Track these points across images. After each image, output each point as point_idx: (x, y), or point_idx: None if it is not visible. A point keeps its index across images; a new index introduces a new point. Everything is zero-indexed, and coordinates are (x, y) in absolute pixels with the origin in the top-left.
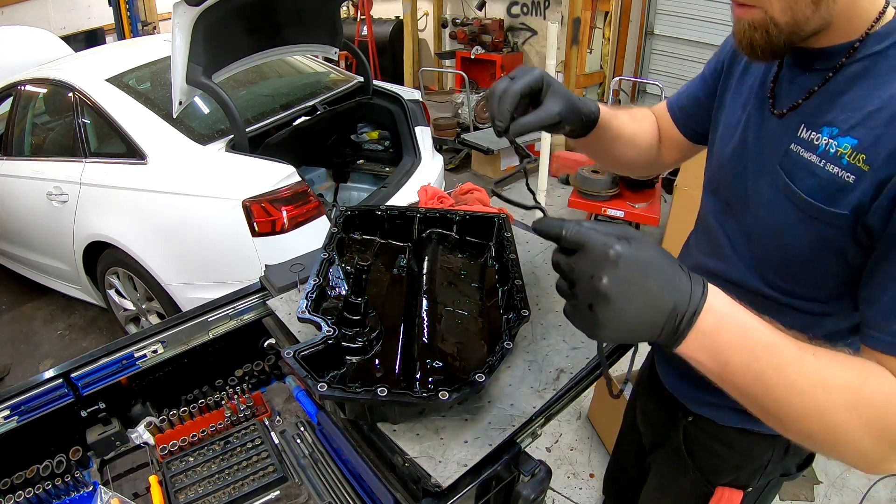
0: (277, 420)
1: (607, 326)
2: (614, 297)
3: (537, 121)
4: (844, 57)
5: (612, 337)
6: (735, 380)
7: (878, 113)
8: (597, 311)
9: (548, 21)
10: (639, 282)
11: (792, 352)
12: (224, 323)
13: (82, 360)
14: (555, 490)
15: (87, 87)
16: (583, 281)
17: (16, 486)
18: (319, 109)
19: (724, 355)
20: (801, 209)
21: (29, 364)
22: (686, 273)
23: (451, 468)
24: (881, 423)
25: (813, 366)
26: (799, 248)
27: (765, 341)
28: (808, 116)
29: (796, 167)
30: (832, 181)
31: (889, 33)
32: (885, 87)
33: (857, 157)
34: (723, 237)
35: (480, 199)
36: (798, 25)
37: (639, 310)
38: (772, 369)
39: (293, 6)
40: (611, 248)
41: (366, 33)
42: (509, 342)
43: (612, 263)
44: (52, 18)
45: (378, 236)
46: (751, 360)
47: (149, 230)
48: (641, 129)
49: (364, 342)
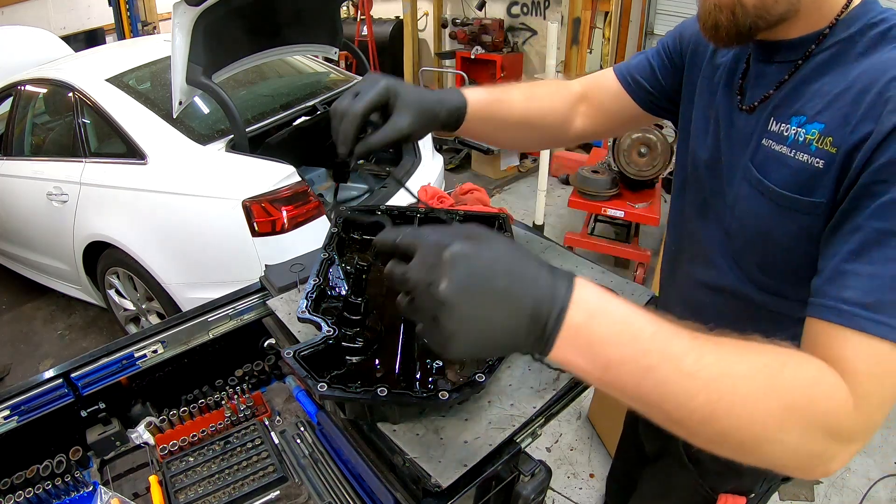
0: (277, 420)
1: (458, 339)
2: (456, 303)
3: (383, 139)
4: (814, 45)
5: (469, 351)
6: (622, 380)
7: (843, 94)
8: (442, 322)
9: (548, 21)
10: (483, 282)
11: (685, 341)
12: (224, 323)
13: (82, 360)
14: (555, 490)
15: (87, 87)
16: (420, 290)
17: (16, 486)
18: (319, 109)
19: (605, 352)
20: (777, 202)
21: (29, 364)
22: (547, 268)
23: (451, 468)
24: (807, 411)
25: (715, 353)
26: (779, 241)
27: (650, 330)
28: (776, 109)
29: (768, 161)
30: (803, 169)
31: (856, 18)
32: (849, 71)
33: (824, 140)
34: (705, 237)
35: (480, 198)
36: (765, 8)
37: (490, 315)
38: (664, 361)
39: (293, 6)
40: (446, 248)
41: (366, 33)
42: None
43: (448, 265)
44: (52, 18)
45: None
46: (636, 353)
47: (149, 230)
48: (540, 107)
49: (364, 342)
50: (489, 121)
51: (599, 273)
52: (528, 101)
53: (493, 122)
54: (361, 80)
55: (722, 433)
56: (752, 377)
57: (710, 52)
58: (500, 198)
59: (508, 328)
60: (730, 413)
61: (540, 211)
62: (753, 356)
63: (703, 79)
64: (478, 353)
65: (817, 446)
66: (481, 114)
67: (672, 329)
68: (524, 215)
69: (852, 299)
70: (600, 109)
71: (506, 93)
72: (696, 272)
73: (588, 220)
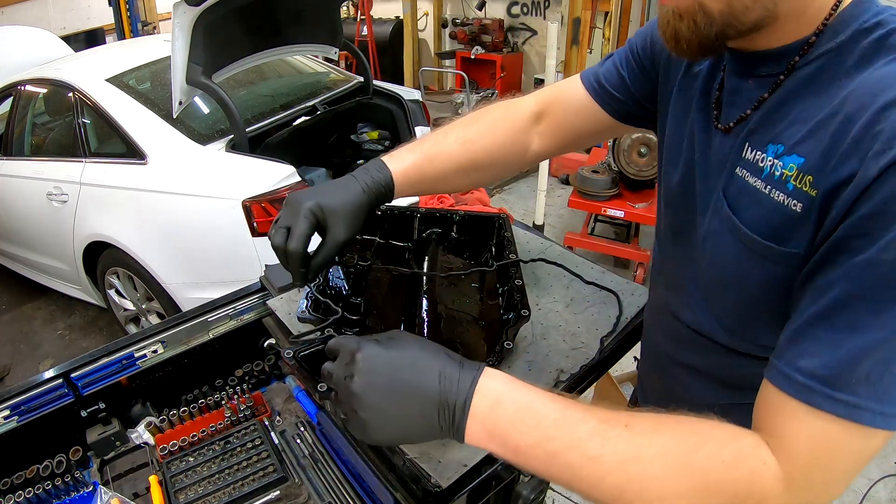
0: (277, 420)
1: (373, 427)
2: (365, 395)
3: (328, 255)
4: (798, 56)
5: (389, 437)
6: (533, 464)
7: (827, 122)
8: (359, 414)
9: (548, 21)
10: (389, 376)
11: (591, 426)
12: (224, 323)
13: (82, 360)
14: (555, 490)
15: (87, 87)
16: (339, 385)
17: (16, 486)
18: (319, 109)
19: (511, 439)
20: (747, 246)
21: (29, 364)
22: (457, 362)
23: (451, 468)
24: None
25: (623, 438)
26: (750, 288)
27: (554, 417)
28: (753, 133)
29: (741, 195)
30: (778, 211)
31: (847, 22)
32: (839, 91)
33: (803, 179)
34: (679, 266)
35: (480, 198)
36: (734, 16)
37: (399, 406)
38: (569, 448)
39: (293, 6)
40: (359, 350)
41: (366, 33)
42: (509, 342)
43: (359, 363)
44: (52, 18)
45: (378, 236)
46: (540, 439)
47: (149, 230)
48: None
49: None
50: (421, 183)
51: (599, 273)
52: (466, 145)
53: (427, 182)
54: (284, 206)
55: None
56: (663, 458)
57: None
58: (501, 198)
59: (421, 417)
60: (641, 495)
61: (540, 211)
62: (667, 437)
63: (679, 91)
64: (398, 439)
65: None
66: (412, 180)
67: (579, 413)
68: (524, 215)
69: (807, 369)
70: (562, 125)
71: (438, 145)
72: (671, 300)
73: (588, 220)
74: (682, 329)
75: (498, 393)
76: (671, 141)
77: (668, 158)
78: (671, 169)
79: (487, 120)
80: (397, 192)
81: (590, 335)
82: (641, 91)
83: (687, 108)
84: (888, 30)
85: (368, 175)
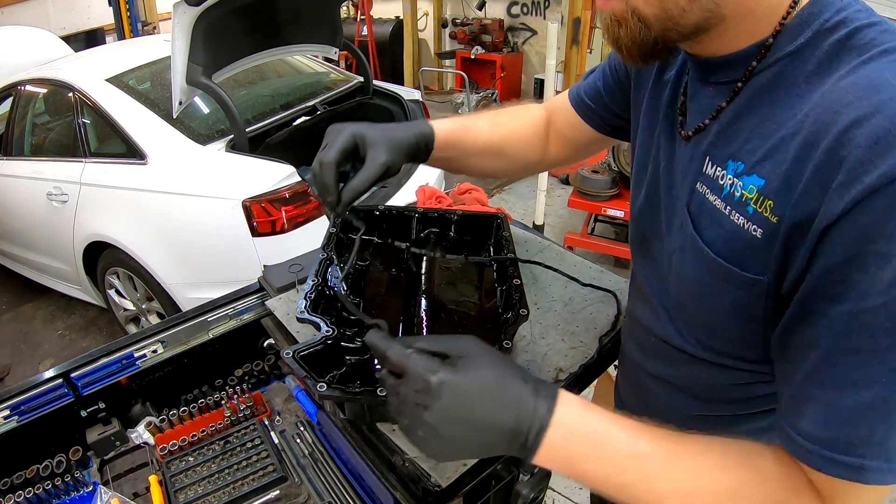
0: (277, 420)
1: (441, 454)
2: (440, 428)
3: (366, 178)
4: (756, 60)
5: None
6: (602, 490)
7: (788, 141)
8: (427, 438)
9: (548, 21)
10: (465, 410)
11: (661, 460)
12: (224, 323)
13: (82, 360)
14: (555, 490)
15: (87, 87)
16: (408, 408)
17: (16, 486)
18: (319, 109)
19: (581, 468)
20: (710, 268)
21: (29, 364)
22: (532, 386)
23: (450, 468)
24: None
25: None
26: (717, 311)
27: (626, 452)
28: (712, 146)
29: (703, 213)
30: (737, 235)
31: (807, 21)
32: (800, 102)
33: (764, 203)
34: (646, 278)
35: (479, 198)
36: (671, 20)
37: (470, 435)
38: (638, 482)
39: (293, 6)
40: (432, 376)
41: (366, 33)
42: (508, 342)
43: (435, 394)
44: (52, 18)
45: (377, 236)
46: (610, 473)
47: (149, 230)
48: (506, 133)
49: (363, 342)
50: (456, 148)
51: (599, 273)
52: (495, 128)
53: (461, 149)
54: (326, 133)
55: None
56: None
57: (657, 67)
58: (500, 198)
59: (490, 443)
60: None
61: (540, 211)
62: (730, 473)
63: (650, 98)
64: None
65: None
66: (449, 140)
67: (647, 446)
68: (524, 215)
69: (808, 432)
70: (563, 136)
71: (472, 121)
72: (641, 311)
73: (588, 220)
74: (650, 338)
75: (572, 425)
76: (641, 150)
77: (637, 168)
78: (640, 178)
79: (512, 112)
80: (435, 150)
81: (588, 334)
82: (618, 103)
83: (655, 116)
84: (851, 29)
85: (411, 123)
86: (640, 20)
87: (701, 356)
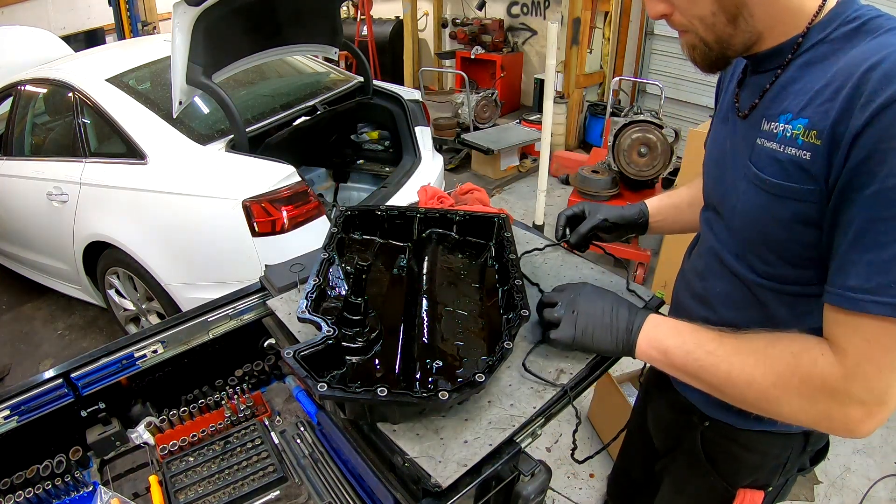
0: (277, 420)
1: (585, 330)
2: (586, 305)
3: (589, 225)
4: (791, 53)
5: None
6: (676, 362)
7: (823, 90)
8: (577, 317)
9: (548, 21)
10: (597, 300)
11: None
12: (224, 323)
13: (82, 360)
14: (555, 490)
15: (87, 87)
16: (566, 304)
17: (16, 486)
18: (319, 109)
19: (664, 344)
20: (772, 193)
21: (29, 364)
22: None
23: (451, 468)
24: (794, 376)
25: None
26: (776, 231)
27: (691, 332)
28: (766, 110)
29: (762, 158)
30: (793, 162)
31: (830, 21)
32: (829, 67)
33: (809, 134)
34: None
35: (480, 199)
36: (724, 42)
37: (604, 316)
38: (696, 348)
39: (293, 6)
40: (583, 285)
41: (366, 33)
42: (509, 342)
43: (583, 290)
44: (52, 18)
45: (378, 236)
46: (681, 344)
47: (149, 230)
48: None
49: (364, 342)
50: (668, 214)
51: (599, 273)
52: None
53: (672, 215)
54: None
55: (741, 395)
56: (750, 354)
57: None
58: (501, 198)
59: (614, 329)
60: (739, 379)
61: (540, 211)
62: (756, 341)
63: (725, 94)
64: (596, 341)
65: (820, 405)
66: (659, 211)
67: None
68: (524, 215)
69: (854, 286)
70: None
71: (673, 191)
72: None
73: None
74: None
75: (658, 319)
76: (714, 140)
77: (709, 152)
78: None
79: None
80: (653, 214)
81: None
82: None
83: (725, 110)
84: (865, 20)
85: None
86: (705, 45)
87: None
